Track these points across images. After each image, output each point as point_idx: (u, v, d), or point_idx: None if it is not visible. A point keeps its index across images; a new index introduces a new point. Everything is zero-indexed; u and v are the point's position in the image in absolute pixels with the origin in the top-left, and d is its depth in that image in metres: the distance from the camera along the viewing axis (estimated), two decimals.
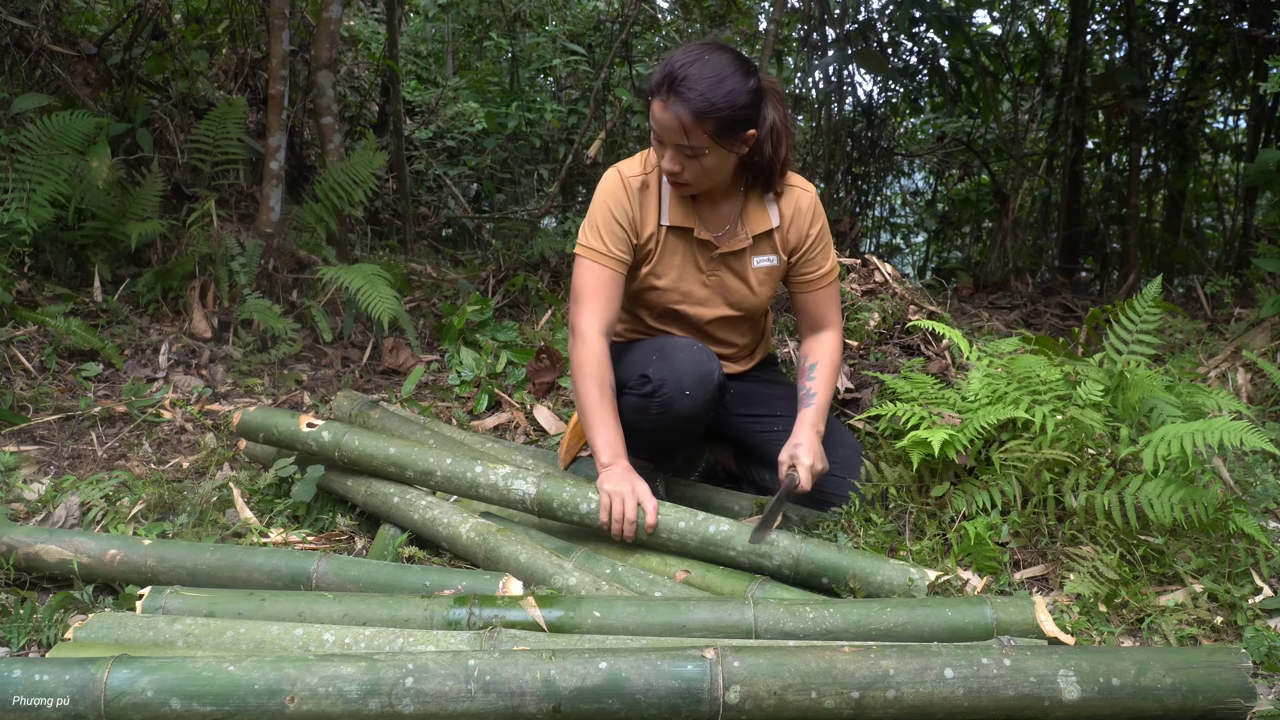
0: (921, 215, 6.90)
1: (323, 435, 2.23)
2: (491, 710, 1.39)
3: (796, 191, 2.22)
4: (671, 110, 1.94)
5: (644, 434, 2.14)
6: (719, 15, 5.96)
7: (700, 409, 2.10)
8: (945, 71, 5.44)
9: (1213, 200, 5.89)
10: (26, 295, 3.21)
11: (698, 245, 2.19)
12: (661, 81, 1.95)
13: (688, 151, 2.00)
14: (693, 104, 1.93)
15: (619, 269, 2.14)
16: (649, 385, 2.09)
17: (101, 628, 1.67)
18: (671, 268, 2.21)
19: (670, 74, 1.93)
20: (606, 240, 2.13)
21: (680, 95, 1.92)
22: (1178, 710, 1.42)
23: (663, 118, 1.96)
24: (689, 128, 1.95)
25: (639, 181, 2.16)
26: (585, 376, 2.07)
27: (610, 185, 2.16)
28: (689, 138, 1.97)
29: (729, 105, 1.95)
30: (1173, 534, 1.94)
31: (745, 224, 2.19)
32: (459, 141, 6.31)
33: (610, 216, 2.13)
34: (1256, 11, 4.64)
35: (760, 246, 2.22)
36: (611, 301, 2.13)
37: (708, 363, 2.11)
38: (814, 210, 2.23)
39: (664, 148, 2.02)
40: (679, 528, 1.97)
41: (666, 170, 2.05)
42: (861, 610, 1.70)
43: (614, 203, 2.14)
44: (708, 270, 2.22)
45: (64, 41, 3.75)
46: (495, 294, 4.09)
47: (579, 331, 2.10)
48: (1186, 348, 3.13)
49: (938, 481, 2.10)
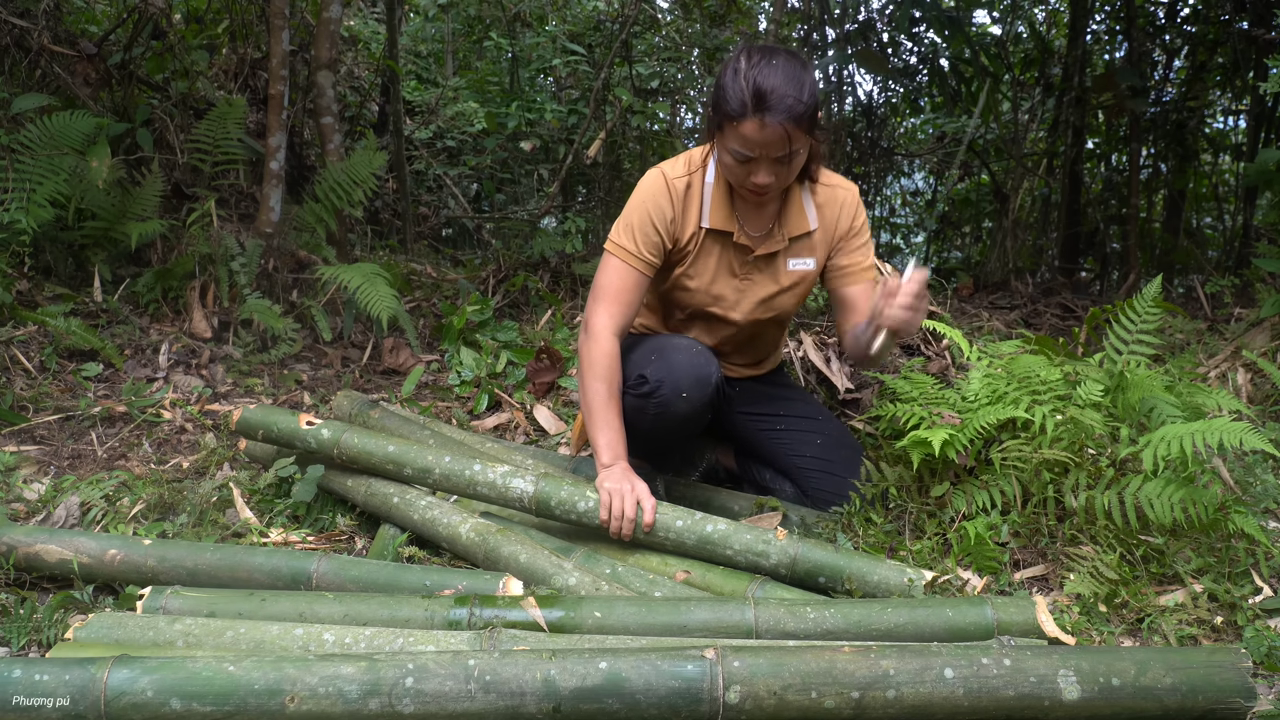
0: (921, 215, 6.90)
1: (322, 433, 2.23)
2: (491, 710, 1.39)
3: (838, 190, 2.21)
4: (771, 125, 1.90)
5: (640, 433, 2.13)
6: (719, 15, 5.96)
7: (697, 411, 2.10)
8: (945, 71, 5.43)
9: (1213, 200, 5.89)
10: (26, 295, 3.21)
11: (735, 249, 2.18)
12: (751, 101, 1.90)
13: (785, 159, 1.97)
14: (792, 111, 1.90)
15: (646, 271, 2.13)
16: (646, 386, 2.09)
17: (101, 628, 1.67)
18: (706, 270, 2.20)
19: (757, 91, 1.89)
20: (639, 241, 2.11)
21: (776, 108, 1.89)
22: (1178, 710, 1.42)
23: (761, 136, 1.92)
24: (793, 135, 1.93)
25: (684, 184, 2.14)
26: (594, 376, 2.06)
27: (653, 187, 2.13)
28: (792, 145, 1.95)
29: (812, 98, 1.94)
30: (1173, 534, 1.94)
31: (783, 226, 2.18)
32: (459, 141, 6.31)
33: (648, 218, 2.11)
34: (1256, 11, 4.64)
35: (796, 249, 2.21)
36: (631, 305, 2.13)
37: (706, 365, 2.10)
38: (857, 206, 2.22)
39: (754, 165, 1.98)
40: (676, 526, 1.97)
41: (760, 186, 2.00)
42: (862, 610, 1.70)
43: (653, 206, 2.12)
44: (741, 273, 2.21)
45: (64, 41, 3.75)
46: (495, 294, 4.09)
47: (593, 329, 2.09)
48: (1186, 348, 3.13)
49: (938, 481, 2.10)
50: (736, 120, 1.92)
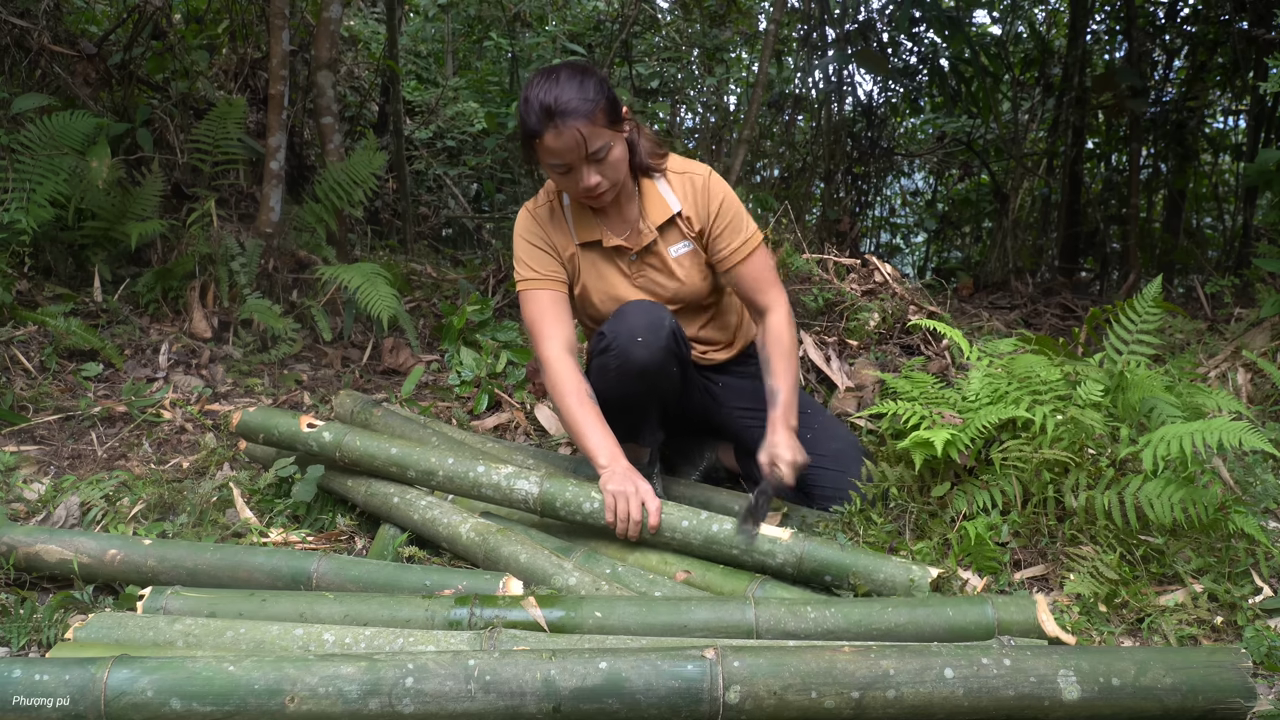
0: (921, 215, 6.91)
1: (323, 436, 2.23)
2: (491, 710, 1.39)
3: (689, 175, 2.27)
4: (565, 129, 1.99)
5: (610, 400, 2.16)
6: (719, 15, 5.96)
7: (656, 357, 2.12)
8: (945, 71, 5.43)
9: (1213, 200, 5.89)
10: (26, 295, 3.21)
11: (614, 253, 2.26)
12: (540, 117, 2.00)
13: (598, 155, 2.05)
14: (579, 112, 1.99)
15: (559, 287, 2.23)
16: (604, 341, 2.15)
17: (101, 628, 1.67)
18: (601, 280, 2.27)
19: (543, 106, 1.99)
20: (536, 265, 2.23)
21: (563, 113, 1.98)
22: (1178, 710, 1.42)
23: (559, 144, 2.01)
24: (589, 133, 2.01)
25: (546, 210, 2.26)
26: (562, 394, 2.12)
27: (522, 221, 2.28)
28: (592, 141, 2.02)
29: (599, 94, 2.03)
30: (1173, 534, 1.94)
31: (646, 218, 2.24)
32: (459, 141, 6.31)
33: (530, 246, 2.24)
34: (1256, 11, 4.64)
35: (669, 236, 2.27)
36: (563, 321, 2.21)
37: (658, 312, 2.15)
38: (709, 188, 2.26)
39: (574, 171, 2.07)
40: (682, 526, 1.97)
41: (588, 187, 2.08)
42: (863, 610, 1.70)
43: (529, 234, 2.25)
44: (632, 273, 2.28)
45: (64, 41, 3.75)
46: (495, 294, 4.09)
47: (544, 360, 2.17)
48: (1186, 348, 3.13)
49: (938, 481, 2.10)
50: (537, 137, 2.03)
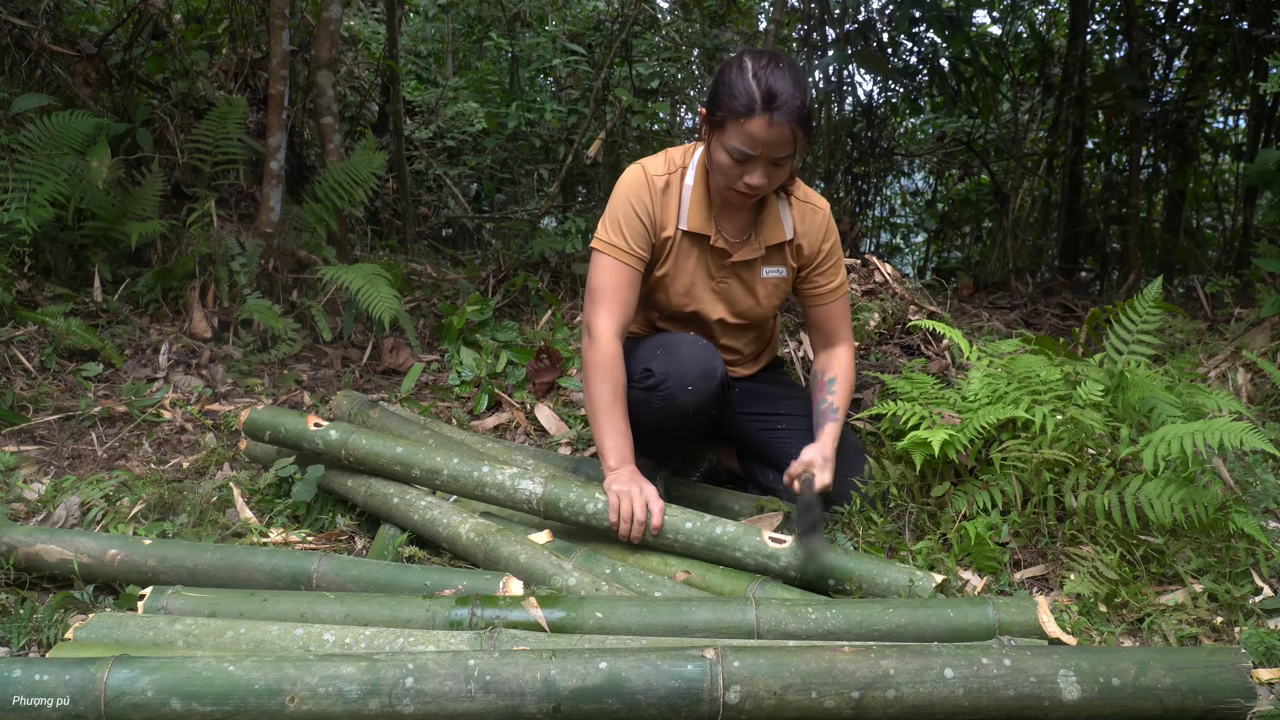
0: (921, 215, 6.90)
1: (330, 434, 2.23)
2: (491, 710, 1.39)
3: (811, 206, 2.23)
4: (780, 123, 1.92)
5: (645, 428, 2.13)
6: (719, 15, 5.96)
7: (702, 404, 2.10)
8: (945, 71, 5.43)
9: (1213, 200, 5.89)
10: (26, 295, 3.21)
11: (712, 252, 2.20)
12: (762, 100, 1.91)
13: (783, 161, 1.99)
14: (799, 112, 1.93)
15: (638, 266, 2.14)
16: (652, 379, 2.09)
17: (102, 628, 1.67)
18: (684, 272, 2.21)
19: (769, 90, 1.91)
20: (628, 236, 2.12)
21: (785, 108, 1.91)
22: (1178, 710, 1.42)
23: (769, 134, 1.93)
24: (797, 135, 1.95)
25: (663, 181, 2.15)
26: (599, 379, 2.06)
27: (634, 181, 2.14)
28: (794, 146, 1.97)
29: (812, 104, 1.98)
30: (1173, 534, 1.94)
31: (760, 234, 2.20)
32: (459, 141, 6.31)
33: (633, 213, 2.12)
34: (1256, 11, 4.64)
35: (771, 258, 2.23)
36: (628, 303, 2.13)
37: (711, 359, 2.10)
38: (827, 226, 2.25)
39: (751, 164, 1.99)
40: (686, 528, 1.97)
41: (753, 185, 2.01)
42: (863, 611, 1.70)
43: (636, 200, 2.12)
44: (718, 277, 2.22)
45: (64, 41, 3.75)
46: (495, 294, 4.09)
47: (594, 332, 2.09)
48: (1186, 348, 3.13)
49: (938, 481, 2.10)
50: (744, 117, 1.93)
